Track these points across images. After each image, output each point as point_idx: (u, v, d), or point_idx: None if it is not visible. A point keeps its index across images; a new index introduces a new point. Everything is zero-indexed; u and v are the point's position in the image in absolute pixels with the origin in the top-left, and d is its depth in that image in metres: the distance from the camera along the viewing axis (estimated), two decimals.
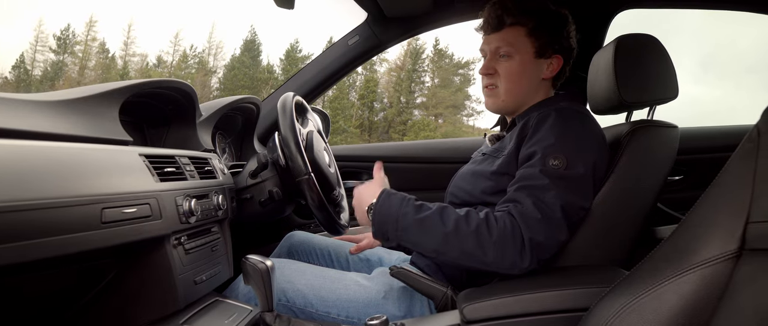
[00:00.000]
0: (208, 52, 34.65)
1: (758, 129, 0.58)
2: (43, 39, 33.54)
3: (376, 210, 0.95)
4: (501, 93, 1.11)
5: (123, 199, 0.75)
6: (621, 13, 1.68)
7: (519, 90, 1.11)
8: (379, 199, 0.96)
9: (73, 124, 0.81)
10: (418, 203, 0.95)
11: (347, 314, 1.02)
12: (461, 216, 0.91)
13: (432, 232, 0.91)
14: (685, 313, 0.57)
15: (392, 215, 0.94)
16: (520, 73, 1.09)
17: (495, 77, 1.11)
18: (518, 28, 1.08)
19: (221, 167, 1.17)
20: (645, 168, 1.01)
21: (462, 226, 0.90)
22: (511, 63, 1.09)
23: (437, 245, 0.91)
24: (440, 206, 0.94)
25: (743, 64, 55.65)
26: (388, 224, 0.94)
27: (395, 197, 0.96)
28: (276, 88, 1.87)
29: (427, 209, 0.93)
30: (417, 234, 0.92)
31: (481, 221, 0.90)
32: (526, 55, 1.08)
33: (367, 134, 32.01)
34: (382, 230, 0.95)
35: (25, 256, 0.59)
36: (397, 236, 0.93)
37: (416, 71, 33.14)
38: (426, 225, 0.91)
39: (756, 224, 0.55)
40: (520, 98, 1.12)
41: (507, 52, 1.09)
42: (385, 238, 0.95)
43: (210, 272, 1.00)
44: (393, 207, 0.94)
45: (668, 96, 1.08)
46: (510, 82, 1.10)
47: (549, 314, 0.85)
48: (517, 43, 1.08)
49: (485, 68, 1.12)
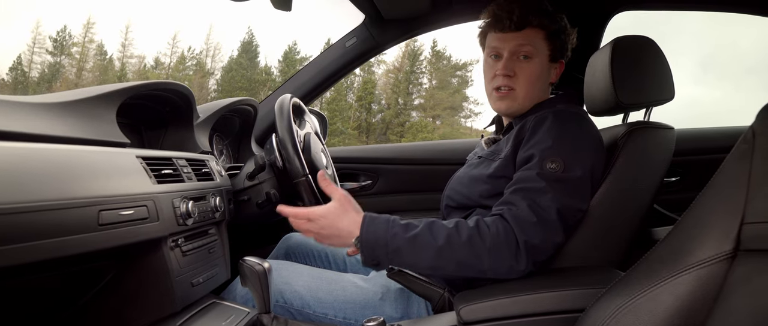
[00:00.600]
0: (205, 54, 34.70)
1: (753, 130, 0.59)
2: (40, 41, 33.56)
3: (363, 238, 0.89)
4: (520, 96, 1.08)
5: (120, 201, 0.75)
6: (620, 15, 1.69)
7: (536, 93, 1.10)
8: (363, 226, 0.90)
9: (71, 126, 0.81)
10: (405, 222, 0.91)
11: (344, 315, 1.02)
12: (452, 229, 0.89)
13: (425, 249, 0.88)
14: (681, 314, 0.57)
15: (381, 239, 0.89)
16: (539, 76, 1.08)
17: (513, 80, 1.07)
18: (538, 31, 1.07)
19: (218, 169, 1.17)
20: (641, 170, 1.02)
21: (454, 238, 0.88)
22: (532, 65, 1.07)
23: (432, 261, 0.88)
24: (428, 221, 0.91)
25: (743, 65, 55.81)
26: (378, 249, 0.89)
27: (379, 220, 0.91)
28: (273, 90, 1.87)
29: (415, 226, 0.90)
30: (410, 254, 0.89)
31: (473, 230, 0.89)
32: (543, 58, 1.08)
33: (365, 136, 32.00)
34: (373, 256, 0.89)
35: (23, 258, 0.59)
36: (390, 259, 0.90)
37: (414, 73, 33.17)
38: (418, 243, 0.88)
39: (751, 225, 0.55)
40: (533, 101, 1.10)
41: (528, 52, 1.06)
42: (376, 264, 0.91)
43: (207, 274, 0.99)
44: (380, 232, 0.89)
45: (664, 97, 1.08)
46: (530, 85, 1.07)
47: (545, 315, 0.85)
48: (537, 45, 1.07)
49: (505, 69, 1.06)
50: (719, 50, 59.43)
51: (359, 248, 0.90)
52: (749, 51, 52.10)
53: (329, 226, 0.92)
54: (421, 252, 0.88)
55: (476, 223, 0.90)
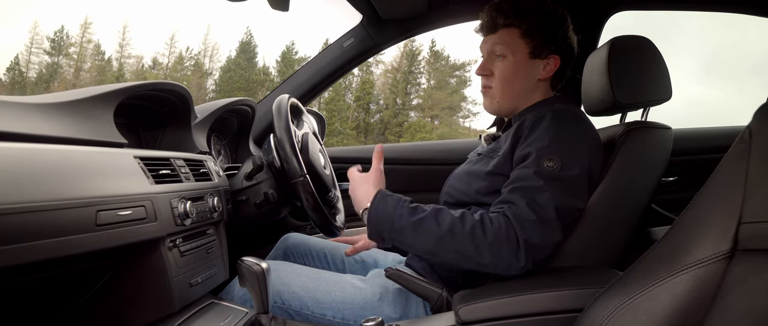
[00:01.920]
0: (203, 54, 34.63)
1: (750, 130, 0.59)
2: (38, 41, 33.45)
3: (371, 212, 0.96)
4: (495, 94, 1.12)
5: (118, 202, 0.74)
6: (622, 15, 1.69)
7: (513, 91, 1.11)
8: (374, 201, 0.97)
9: (68, 127, 0.81)
10: (414, 205, 0.95)
11: (343, 316, 1.02)
12: (456, 218, 0.91)
13: (427, 234, 0.91)
14: (679, 313, 0.57)
15: (387, 216, 0.94)
16: (514, 73, 1.10)
17: (490, 78, 1.13)
18: (512, 30, 1.09)
19: (216, 169, 1.17)
20: (639, 170, 1.02)
21: (457, 227, 0.90)
22: (505, 64, 1.10)
23: (432, 246, 0.91)
24: (436, 208, 0.94)
25: (747, 65, 55.74)
26: (383, 225, 0.94)
27: (391, 199, 0.96)
28: (271, 90, 1.87)
29: (422, 211, 0.93)
30: (412, 236, 0.92)
31: (476, 222, 0.90)
32: (520, 55, 1.09)
33: (363, 136, 31.99)
34: (378, 230, 0.95)
35: (20, 259, 0.58)
36: (393, 237, 0.94)
37: (412, 73, 33.18)
38: (421, 227, 0.91)
39: (748, 225, 0.55)
40: (515, 99, 1.12)
41: (501, 52, 1.10)
42: (380, 239, 0.96)
43: (205, 274, 0.99)
44: (388, 209, 0.94)
45: (661, 97, 1.08)
46: (504, 83, 1.11)
47: (543, 315, 0.85)
48: (511, 43, 1.09)
49: (480, 69, 1.14)
50: (723, 50, 59.39)
51: (366, 220, 0.97)
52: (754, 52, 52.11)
53: (355, 189, 1.04)
54: (422, 236, 0.91)
55: (481, 217, 0.91)
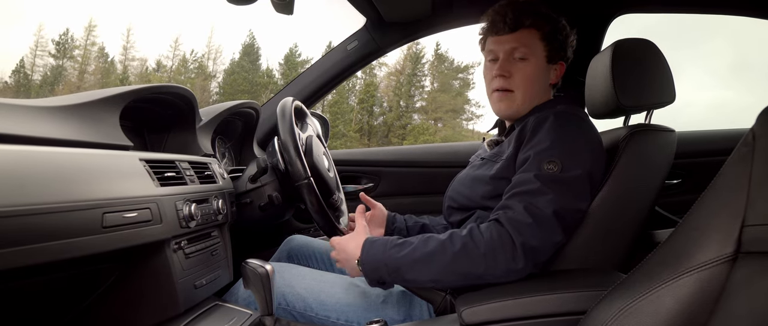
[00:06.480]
0: (207, 57, 34.80)
1: (753, 133, 0.59)
2: (43, 44, 33.66)
3: (364, 261, 0.95)
4: (518, 97, 1.09)
5: (123, 204, 0.75)
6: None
7: (534, 95, 1.10)
8: (363, 250, 0.96)
9: (74, 129, 0.82)
10: (400, 241, 0.94)
11: (347, 318, 1.02)
12: (445, 240, 0.91)
13: (422, 264, 0.90)
14: (682, 316, 0.57)
15: (380, 260, 0.93)
16: (536, 77, 1.09)
17: (510, 81, 1.09)
18: (534, 32, 1.07)
19: (221, 172, 1.18)
20: (642, 172, 1.01)
21: (448, 248, 0.89)
22: (527, 66, 1.08)
23: (434, 275, 0.90)
24: (423, 237, 0.94)
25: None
26: (380, 270, 0.93)
27: (378, 243, 0.95)
28: (275, 93, 1.88)
29: (410, 244, 0.93)
30: (409, 271, 0.91)
31: (466, 237, 0.90)
32: (540, 59, 1.08)
33: (367, 138, 32.02)
34: (376, 277, 0.94)
35: (27, 260, 0.59)
36: (392, 278, 0.93)
37: (416, 75, 33.22)
38: (415, 259, 0.91)
39: (752, 227, 0.55)
40: (533, 103, 1.11)
41: (524, 54, 1.07)
42: (382, 283, 0.95)
43: (210, 276, 1.00)
44: (378, 254, 0.94)
45: (665, 100, 1.08)
46: (527, 86, 1.08)
47: (547, 317, 0.85)
48: (532, 45, 1.07)
49: (501, 69, 1.08)
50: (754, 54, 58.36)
51: (363, 271, 0.95)
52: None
53: (341, 251, 1.01)
54: (419, 267, 0.90)
55: (469, 231, 0.91)
